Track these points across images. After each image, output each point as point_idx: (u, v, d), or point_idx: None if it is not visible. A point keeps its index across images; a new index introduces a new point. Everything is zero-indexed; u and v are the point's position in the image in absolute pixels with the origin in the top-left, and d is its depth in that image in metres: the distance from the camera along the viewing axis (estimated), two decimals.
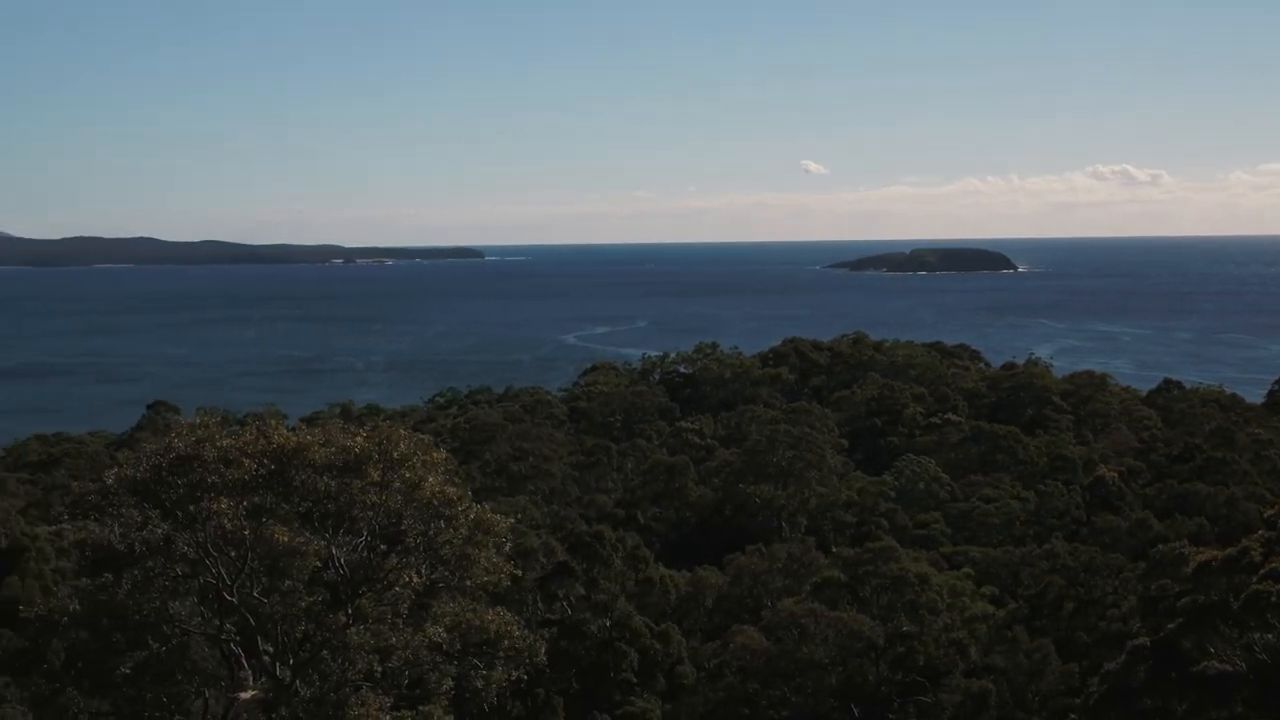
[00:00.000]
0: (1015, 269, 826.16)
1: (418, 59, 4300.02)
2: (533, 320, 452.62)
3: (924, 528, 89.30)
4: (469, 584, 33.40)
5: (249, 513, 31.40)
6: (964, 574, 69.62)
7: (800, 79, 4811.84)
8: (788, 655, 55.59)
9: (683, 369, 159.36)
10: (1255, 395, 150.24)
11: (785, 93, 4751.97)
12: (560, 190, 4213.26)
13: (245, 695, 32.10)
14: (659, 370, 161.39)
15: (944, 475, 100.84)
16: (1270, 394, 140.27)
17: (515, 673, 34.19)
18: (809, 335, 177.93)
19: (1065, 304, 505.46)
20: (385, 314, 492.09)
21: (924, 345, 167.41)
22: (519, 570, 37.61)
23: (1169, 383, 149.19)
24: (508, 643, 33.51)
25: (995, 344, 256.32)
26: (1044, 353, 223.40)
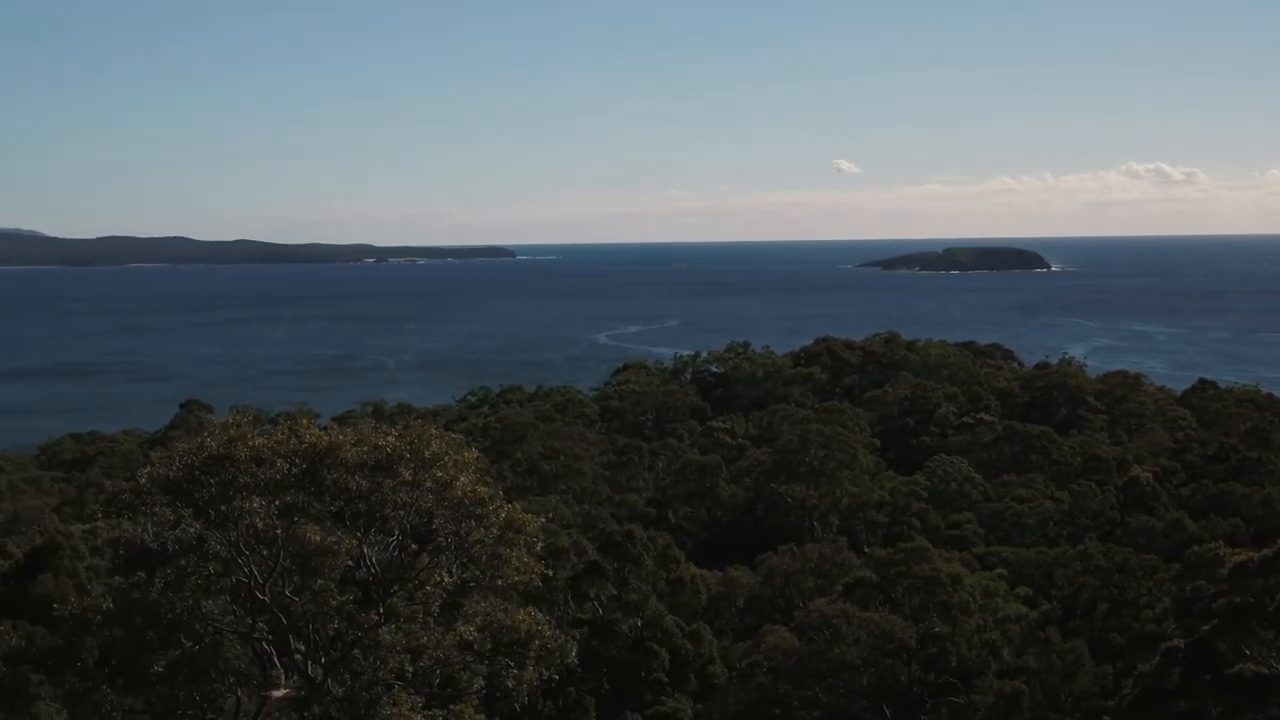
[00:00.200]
0: (1049, 268, 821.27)
1: (452, 59, 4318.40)
2: (564, 319, 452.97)
3: (956, 528, 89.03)
4: (500, 583, 33.46)
5: (281, 512, 31.52)
6: (997, 575, 69.44)
7: (833, 78, 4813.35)
8: (819, 656, 55.44)
9: (714, 368, 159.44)
10: None
11: (818, 92, 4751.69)
12: (592, 190, 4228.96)
13: (277, 694, 32.22)
14: (690, 369, 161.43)
15: (976, 475, 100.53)
16: None
17: (546, 672, 34.18)
18: (841, 334, 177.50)
19: (1099, 303, 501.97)
20: (417, 313, 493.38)
21: (956, 345, 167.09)
22: (550, 570, 37.66)
23: (1204, 382, 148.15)
24: (539, 642, 33.50)
25: (1028, 343, 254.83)
26: (1078, 352, 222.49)
